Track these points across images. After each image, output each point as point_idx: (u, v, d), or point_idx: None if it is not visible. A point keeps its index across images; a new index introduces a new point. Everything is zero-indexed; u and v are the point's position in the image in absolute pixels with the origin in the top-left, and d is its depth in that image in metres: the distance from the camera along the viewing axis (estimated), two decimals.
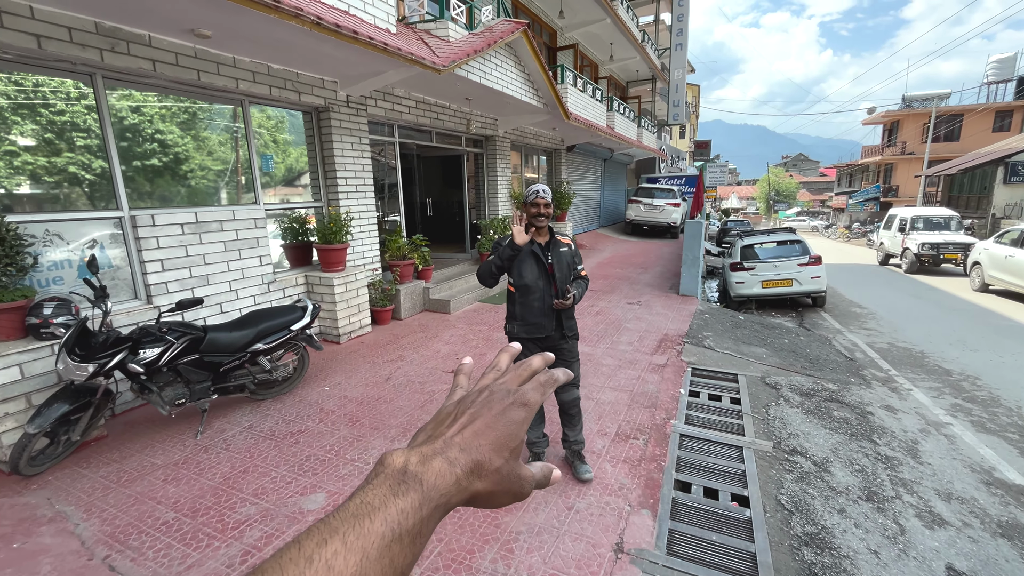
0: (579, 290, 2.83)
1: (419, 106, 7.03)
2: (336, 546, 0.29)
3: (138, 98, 4.04)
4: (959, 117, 30.39)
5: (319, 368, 4.75)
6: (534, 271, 2.73)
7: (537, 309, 2.74)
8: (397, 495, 0.33)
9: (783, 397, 4.25)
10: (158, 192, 4.26)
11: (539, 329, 2.77)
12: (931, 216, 14.50)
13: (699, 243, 7.58)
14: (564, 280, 2.77)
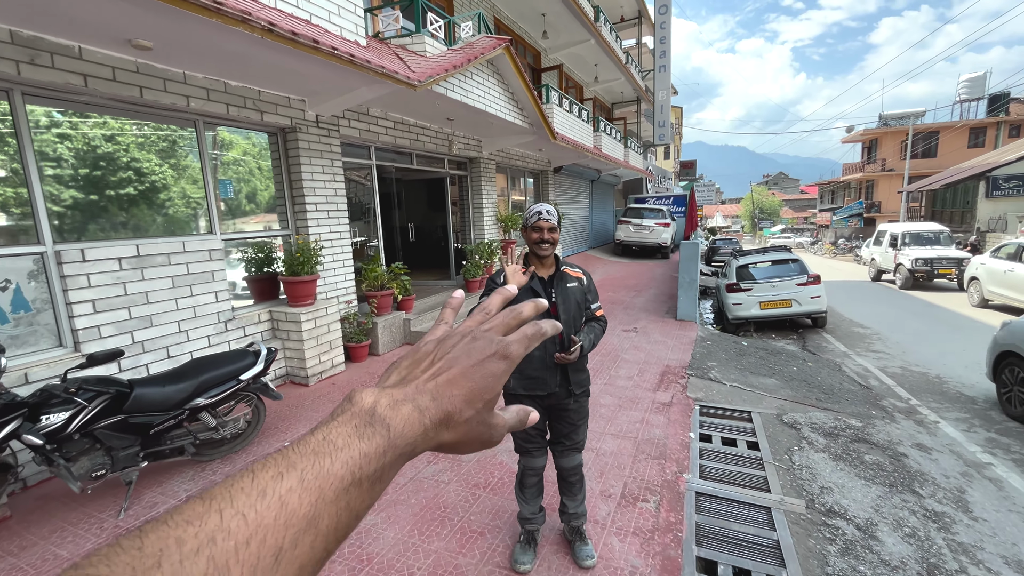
0: (590, 337, 2.26)
1: (397, 127, 6.64)
2: (292, 483, 0.28)
3: (68, 118, 3.56)
4: (935, 134, 31.08)
5: (281, 417, 4.19)
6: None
7: (537, 360, 2.19)
8: (362, 438, 0.31)
9: (805, 439, 3.78)
10: (92, 223, 3.74)
11: (540, 385, 2.22)
12: (921, 231, 14.42)
13: (695, 265, 7.20)
14: (572, 324, 2.24)
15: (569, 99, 10.69)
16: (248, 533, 0.25)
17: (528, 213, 2.23)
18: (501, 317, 0.45)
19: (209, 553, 0.24)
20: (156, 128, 4.11)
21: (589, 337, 2.27)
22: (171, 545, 0.23)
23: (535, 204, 2.26)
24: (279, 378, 4.99)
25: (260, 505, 0.26)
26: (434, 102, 5.95)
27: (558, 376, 2.23)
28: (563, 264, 2.32)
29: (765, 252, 9.73)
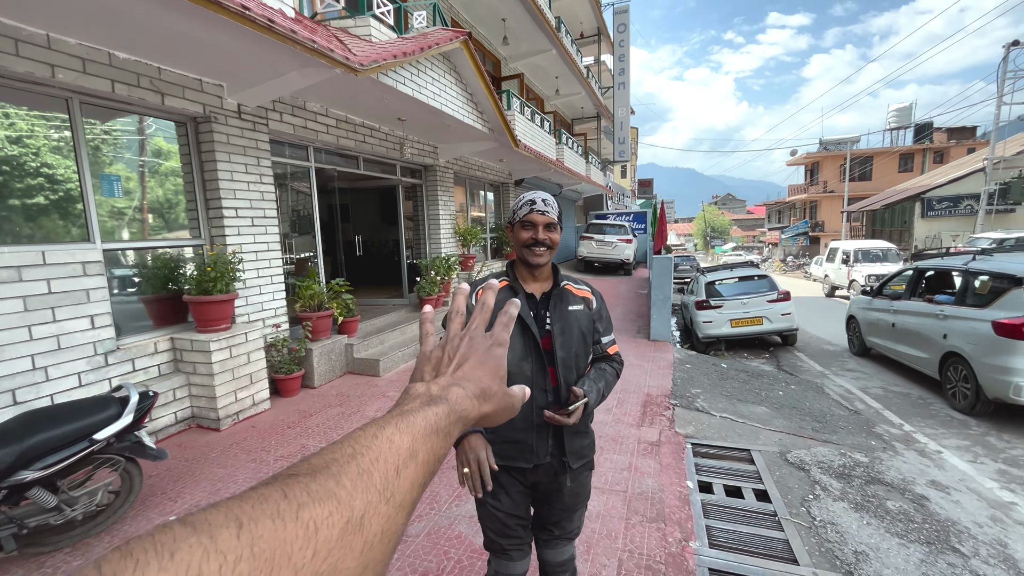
0: (598, 386, 1.54)
1: (341, 126, 5.86)
2: (392, 429, 0.38)
3: None
4: (870, 159, 33.15)
5: (174, 475, 3.24)
6: (519, 344, 1.47)
7: (520, 417, 1.48)
8: (430, 406, 0.42)
9: (818, 484, 3.22)
10: None
11: (522, 453, 1.51)
12: (871, 248, 14.88)
13: (669, 281, 6.74)
14: (574, 364, 1.52)
15: (531, 107, 10.23)
16: (376, 455, 0.35)
17: (517, 203, 1.53)
18: (478, 316, 0.55)
19: (356, 463, 0.33)
20: (1, 101, 3.16)
21: (597, 386, 1.53)
22: (330, 459, 0.33)
23: (527, 192, 1.57)
24: (183, 422, 4.01)
25: (376, 441, 0.36)
26: (382, 97, 5.23)
27: (549, 441, 1.52)
28: (564, 278, 1.60)
29: (733, 268, 9.48)
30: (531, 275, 1.55)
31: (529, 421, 1.48)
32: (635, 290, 12.03)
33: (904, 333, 6.17)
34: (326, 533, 0.28)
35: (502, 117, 7.29)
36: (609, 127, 20.30)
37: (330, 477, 0.31)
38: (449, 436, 0.41)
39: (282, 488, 0.29)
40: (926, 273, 6.32)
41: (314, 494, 0.29)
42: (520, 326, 1.48)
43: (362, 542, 0.30)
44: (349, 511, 0.30)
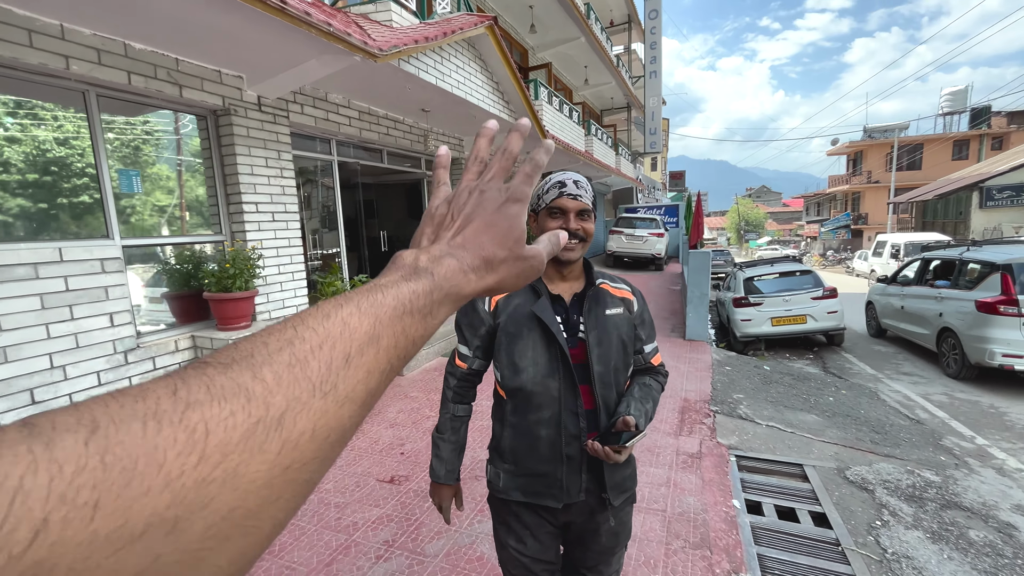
0: (645, 408, 1.26)
1: (363, 118, 5.71)
2: (351, 309, 0.31)
3: None
4: (920, 147, 31.23)
5: None
6: (543, 357, 1.22)
7: (545, 443, 1.23)
8: (409, 280, 0.35)
9: (886, 508, 2.86)
10: None
11: (550, 489, 1.24)
12: (922, 242, 13.92)
13: (706, 277, 6.35)
14: (614, 380, 1.26)
15: (559, 97, 9.90)
16: (319, 340, 0.29)
17: (542, 187, 1.27)
18: (496, 164, 0.44)
19: (290, 351, 0.28)
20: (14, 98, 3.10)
21: (644, 407, 1.25)
22: (259, 346, 0.28)
23: (554, 173, 1.28)
24: None
25: (327, 323, 0.30)
26: (404, 86, 5.04)
27: (583, 476, 1.24)
28: (599, 276, 1.33)
29: (774, 263, 8.94)
30: (559, 273, 1.29)
31: (557, 451, 1.23)
32: (667, 286, 11.58)
33: (910, 314, 7.15)
34: (222, 436, 0.23)
35: (529, 107, 7.02)
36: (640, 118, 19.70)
37: (247, 369, 0.26)
38: (430, 316, 0.35)
39: (176, 382, 0.24)
40: (931, 263, 7.21)
41: (216, 390, 0.25)
42: (544, 336, 1.23)
43: (280, 442, 0.25)
44: (263, 409, 0.25)
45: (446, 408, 1.38)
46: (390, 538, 2.50)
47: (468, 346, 1.32)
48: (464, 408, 1.39)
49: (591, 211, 1.25)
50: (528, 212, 1.32)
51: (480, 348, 1.32)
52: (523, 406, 1.24)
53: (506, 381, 1.26)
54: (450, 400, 1.37)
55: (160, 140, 3.97)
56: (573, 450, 1.23)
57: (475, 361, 1.33)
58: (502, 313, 1.27)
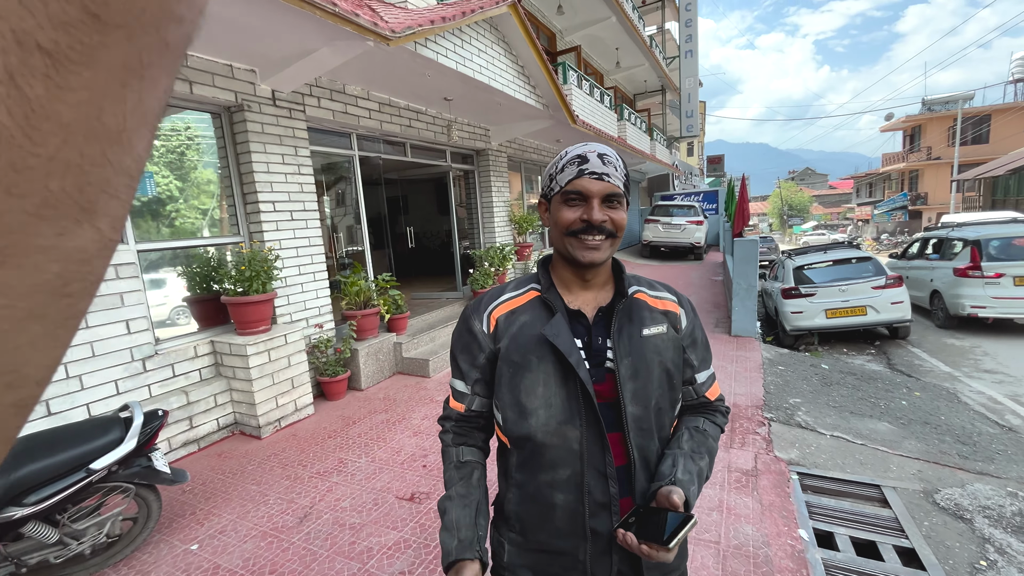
0: (700, 466, 0.93)
1: (384, 109, 5.49)
2: None
3: None
4: (987, 119, 28.65)
5: (207, 493, 3.01)
6: (558, 396, 0.90)
7: (562, 513, 0.91)
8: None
9: (989, 542, 2.40)
10: None
11: (568, 570, 0.92)
12: (991, 220, 12.62)
13: (754, 268, 5.83)
14: (654, 425, 0.94)
15: (590, 81, 9.42)
16: None
17: (557, 163, 0.94)
18: None
19: None
20: None
21: (698, 465, 0.93)
22: None
23: (573, 146, 0.94)
24: (225, 428, 3.84)
25: None
26: (423, 73, 4.77)
27: (612, 557, 0.91)
28: (632, 282, 1.01)
29: (827, 251, 8.23)
30: (579, 279, 0.97)
31: (578, 524, 0.91)
32: (708, 276, 10.96)
33: (913, 281, 8.58)
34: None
35: (557, 91, 6.63)
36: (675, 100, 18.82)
37: None
38: None
39: None
40: (929, 240, 9.05)
41: None
42: (559, 367, 0.91)
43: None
44: None
45: (447, 457, 1.03)
46: (406, 568, 2.26)
47: (465, 380, 1.01)
48: (472, 452, 1.02)
49: (622, 196, 0.92)
50: (539, 200, 1.01)
51: (480, 383, 1.00)
52: (533, 461, 0.92)
53: (509, 426, 0.94)
54: (450, 444, 1.03)
55: (172, 139, 3.85)
56: (601, 523, 0.90)
57: (474, 400, 1.01)
58: (503, 335, 0.96)
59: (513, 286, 1.02)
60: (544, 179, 0.99)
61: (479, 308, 1.00)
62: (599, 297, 0.98)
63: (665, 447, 0.97)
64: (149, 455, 2.35)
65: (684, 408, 1.05)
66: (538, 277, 1.01)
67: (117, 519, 2.30)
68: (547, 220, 0.99)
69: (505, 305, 0.99)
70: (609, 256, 0.94)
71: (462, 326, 1.01)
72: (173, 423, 3.48)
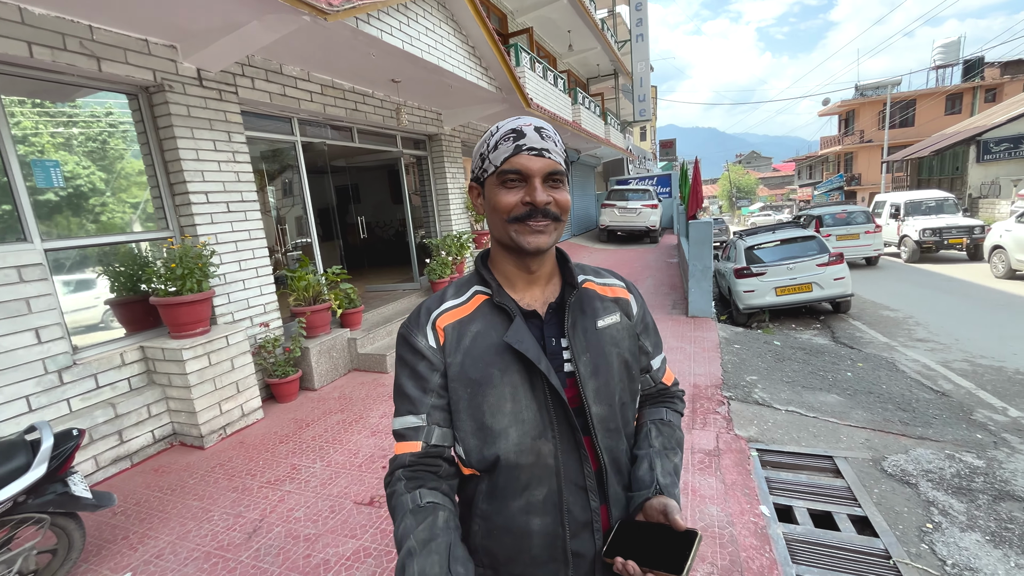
0: (675, 462, 0.89)
1: (327, 92, 5.15)
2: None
3: None
4: (912, 103, 30.65)
5: (142, 514, 2.75)
6: (528, 410, 0.80)
7: (540, 539, 0.81)
8: None
9: (933, 505, 2.52)
10: None
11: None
12: (923, 199, 13.52)
13: (709, 249, 5.94)
14: (620, 424, 0.87)
15: (543, 64, 9.28)
16: None
17: (489, 140, 0.82)
18: None
19: None
20: None
21: (672, 462, 0.88)
22: None
23: (506, 120, 0.83)
24: (162, 440, 3.53)
25: None
26: (368, 52, 4.49)
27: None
28: (580, 271, 0.93)
29: (775, 231, 8.53)
30: (524, 272, 0.87)
31: (558, 549, 0.81)
32: (664, 259, 11.19)
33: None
34: None
35: (510, 73, 6.45)
36: (627, 85, 18.96)
37: None
38: None
39: None
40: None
41: None
42: (526, 378, 0.81)
43: None
44: None
45: (400, 507, 0.79)
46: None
47: (416, 410, 0.82)
48: (434, 494, 0.80)
49: (564, 173, 0.82)
50: (469, 184, 0.89)
51: (438, 410, 0.83)
52: (504, 487, 0.81)
53: (472, 455, 0.82)
54: (403, 491, 0.80)
55: (82, 123, 3.44)
56: (582, 544, 0.82)
57: (432, 432, 0.82)
58: (454, 351, 0.83)
59: (453, 292, 0.89)
60: (474, 160, 0.87)
61: (418, 322, 0.86)
62: (547, 292, 0.89)
63: (632, 444, 0.92)
64: (65, 480, 2.09)
65: (643, 398, 0.99)
66: (481, 278, 0.88)
67: (31, 554, 2.04)
68: (481, 207, 0.87)
69: (450, 314, 0.85)
70: (555, 241, 0.84)
71: (403, 347, 0.86)
72: (100, 439, 3.15)
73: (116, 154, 3.62)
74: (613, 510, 0.84)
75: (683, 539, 0.72)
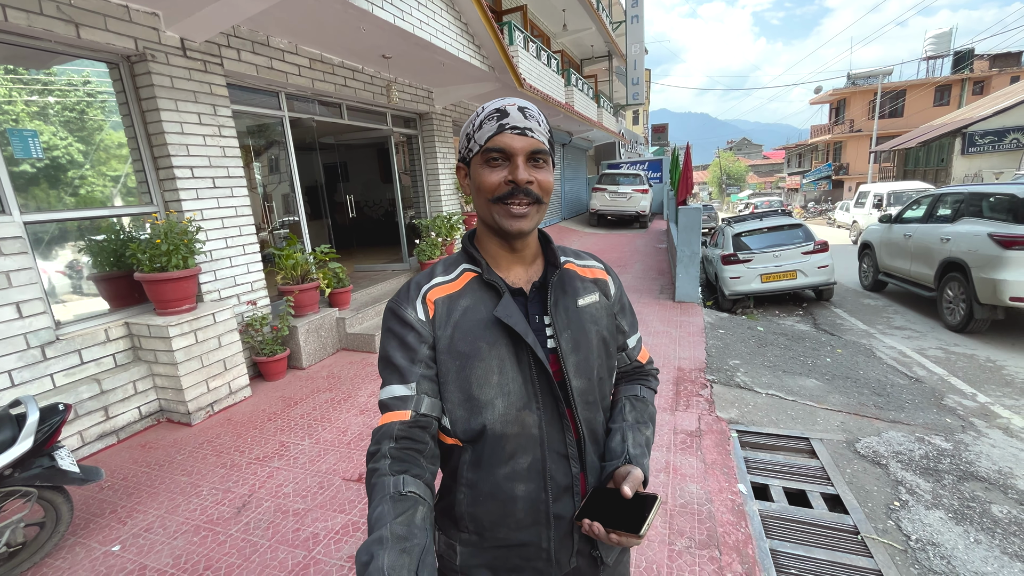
0: (647, 435, 0.94)
1: (315, 66, 5.03)
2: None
3: None
4: (902, 94, 30.82)
5: (129, 488, 2.76)
6: (514, 381, 0.83)
7: (524, 504, 0.84)
8: None
9: (902, 484, 2.64)
10: None
11: (531, 562, 0.87)
12: (905, 191, 13.73)
13: (697, 235, 6.00)
14: (598, 398, 0.91)
15: (537, 44, 9.13)
16: None
17: (474, 120, 0.84)
18: None
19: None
20: None
21: (644, 434, 0.93)
22: None
23: (492, 101, 0.87)
24: (149, 417, 3.52)
25: None
26: (358, 25, 4.39)
27: (574, 536, 0.88)
28: (562, 252, 0.96)
29: (763, 218, 8.62)
30: (508, 252, 0.89)
31: (541, 512, 0.85)
32: (653, 244, 11.27)
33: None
34: None
35: (503, 52, 6.35)
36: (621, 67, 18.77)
37: None
38: None
39: None
40: None
41: None
42: (514, 350, 0.84)
43: None
44: None
45: (379, 489, 0.75)
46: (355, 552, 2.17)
47: (405, 380, 0.82)
48: (416, 484, 0.76)
49: (548, 153, 0.84)
50: (457, 164, 0.91)
51: (427, 380, 0.83)
52: (490, 456, 0.84)
53: (459, 425, 0.85)
54: (386, 471, 0.76)
55: (58, 92, 3.33)
56: (563, 507, 0.87)
57: (422, 401, 0.82)
58: (444, 323, 0.85)
59: (442, 269, 0.91)
60: (461, 140, 0.89)
61: (408, 296, 0.88)
62: (531, 272, 0.92)
63: (608, 418, 0.97)
64: (52, 454, 2.09)
65: (619, 375, 1.05)
66: (470, 256, 0.91)
67: (18, 526, 2.05)
68: (468, 187, 0.89)
69: (440, 289, 0.88)
70: (537, 223, 0.86)
71: (392, 320, 0.87)
72: (85, 414, 3.14)
73: (95, 125, 3.53)
74: (589, 477, 0.89)
75: (645, 503, 0.78)
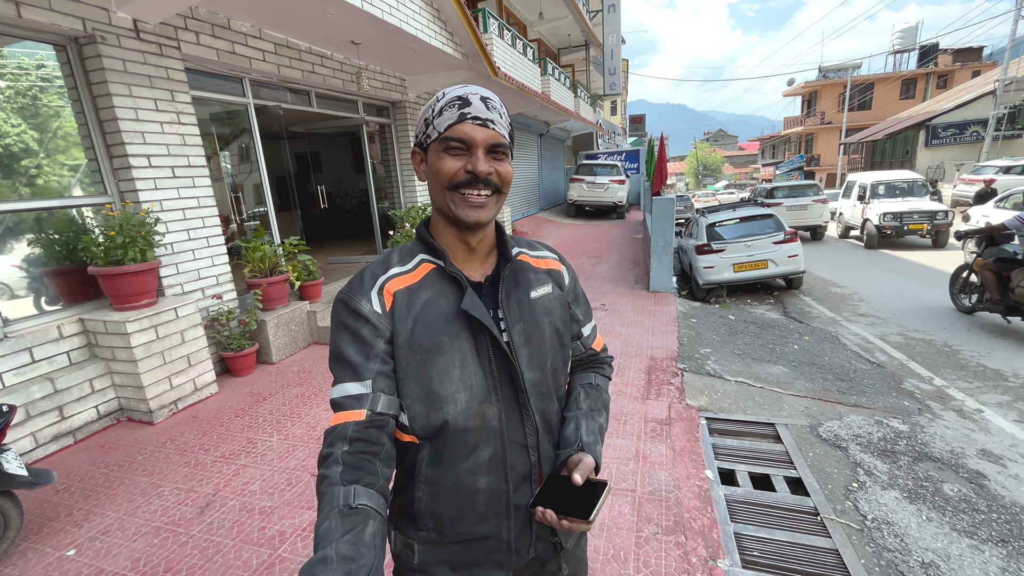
0: (600, 422, 0.95)
1: (281, 52, 4.86)
2: None
3: None
4: (871, 86, 31.63)
5: (87, 491, 2.66)
6: (475, 375, 0.82)
7: (485, 497, 0.84)
8: None
9: (860, 467, 2.73)
10: None
11: (492, 554, 0.86)
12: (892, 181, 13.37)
13: (671, 226, 6.05)
14: (552, 388, 0.91)
15: (512, 32, 9.02)
16: None
17: (434, 106, 0.81)
18: None
19: None
20: None
21: (598, 422, 0.94)
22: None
23: (452, 88, 0.82)
24: (108, 416, 3.40)
25: None
26: (324, 9, 4.24)
27: (532, 526, 0.88)
28: (515, 244, 0.96)
29: (736, 208, 8.76)
30: (463, 244, 0.87)
31: (501, 504, 0.85)
32: (629, 235, 11.36)
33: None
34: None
35: (477, 40, 6.25)
36: (598, 57, 18.74)
37: None
38: None
39: None
40: None
41: None
42: (473, 345, 0.83)
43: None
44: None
45: (328, 500, 0.70)
46: None
47: (360, 377, 0.78)
48: (369, 495, 0.71)
49: (508, 146, 0.82)
50: (413, 148, 0.88)
51: (383, 377, 0.79)
52: (451, 451, 0.82)
53: (418, 422, 0.82)
54: (336, 481, 0.71)
55: (9, 76, 3.14)
56: (522, 497, 0.87)
57: (378, 399, 0.77)
58: (404, 317, 0.81)
59: (398, 259, 0.87)
60: (419, 124, 0.85)
61: (361, 287, 0.83)
62: (486, 265, 0.90)
63: (563, 406, 0.97)
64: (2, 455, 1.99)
65: (575, 363, 1.06)
66: (428, 246, 0.87)
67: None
68: (423, 173, 0.86)
69: (398, 280, 0.84)
70: (495, 214, 0.85)
71: (344, 312, 0.82)
72: (38, 415, 3.00)
73: (50, 112, 3.34)
74: (544, 466, 0.89)
75: (595, 489, 0.78)
